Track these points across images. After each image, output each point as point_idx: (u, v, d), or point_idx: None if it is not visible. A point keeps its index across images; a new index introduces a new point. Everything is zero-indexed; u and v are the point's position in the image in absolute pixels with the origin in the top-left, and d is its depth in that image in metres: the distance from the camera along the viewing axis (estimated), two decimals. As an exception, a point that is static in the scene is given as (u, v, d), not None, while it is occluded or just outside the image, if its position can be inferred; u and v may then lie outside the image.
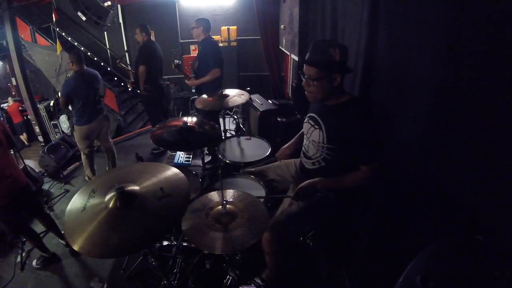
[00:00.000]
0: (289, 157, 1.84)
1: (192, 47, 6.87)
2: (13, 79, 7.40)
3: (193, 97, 3.30)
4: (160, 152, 3.98)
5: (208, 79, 3.04)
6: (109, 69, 6.92)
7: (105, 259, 2.22)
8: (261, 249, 1.57)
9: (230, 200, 1.35)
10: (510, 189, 0.84)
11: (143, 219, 1.12)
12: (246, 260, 1.72)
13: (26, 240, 2.34)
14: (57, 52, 4.61)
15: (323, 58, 1.32)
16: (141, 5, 6.63)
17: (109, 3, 3.65)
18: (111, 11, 3.63)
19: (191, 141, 1.92)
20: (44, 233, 2.49)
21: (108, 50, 7.20)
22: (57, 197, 3.17)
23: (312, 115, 1.55)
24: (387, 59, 1.49)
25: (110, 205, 1.13)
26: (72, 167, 3.82)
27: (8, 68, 7.90)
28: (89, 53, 6.62)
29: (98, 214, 1.12)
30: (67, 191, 3.28)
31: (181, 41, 6.96)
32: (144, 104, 4.95)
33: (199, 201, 1.39)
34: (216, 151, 2.19)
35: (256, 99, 3.50)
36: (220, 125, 3.09)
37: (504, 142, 0.85)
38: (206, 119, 2.29)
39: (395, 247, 1.44)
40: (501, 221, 0.88)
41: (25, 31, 5.92)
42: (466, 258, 0.74)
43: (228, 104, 2.42)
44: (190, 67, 3.50)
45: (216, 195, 1.40)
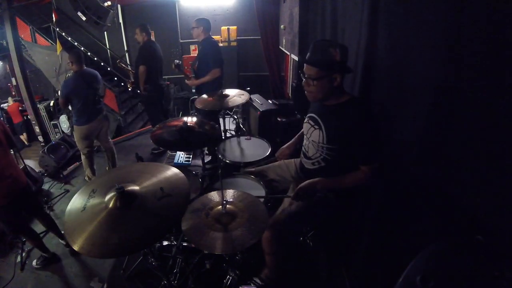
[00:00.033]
0: (289, 157, 1.84)
1: (192, 47, 6.87)
2: (13, 79, 7.41)
3: (193, 97, 3.31)
4: (160, 152, 3.98)
5: (208, 79, 3.04)
6: (109, 69, 6.92)
7: (105, 259, 2.22)
8: (261, 249, 1.57)
9: (230, 200, 1.35)
10: (510, 189, 0.84)
11: (143, 219, 1.12)
12: (246, 260, 1.72)
13: (26, 240, 2.34)
14: (57, 52, 4.63)
15: (324, 58, 1.32)
16: (141, 5, 6.63)
17: (109, 3, 3.65)
18: (111, 11, 3.63)
19: (191, 141, 1.92)
20: (44, 233, 2.49)
21: (108, 50, 7.20)
22: (57, 197, 3.17)
23: (312, 115, 1.55)
24: (387, 59, 1.49)
25: (110, 205, 1.13)
26: (72, 167, 3.82)
27: (8, 68, 7.91)
28: (89, 53, 6.62)
29: (98, 214, 1.12)
30: (67, 191, 3.28)
31: (181, 41, 6.96)
32: (144, 104, 4.95)
33: (199, 201, 1.39)
34: (216, 151, 2.19)
35: (256, 99, 3.50)
36: (220, 125, 3.09)
37: (504, 142, 0.85)
38: (206, 119, 2.29)
39: (395, 247, 1.44)
40: (501, 221, 0.88)
41: (25, 31, 5.92)
42: (466, 258, 0.74)
43: (228, 104, 2.42)
44: (190, 67, 3.50)
45: (216, 195, 1.40)
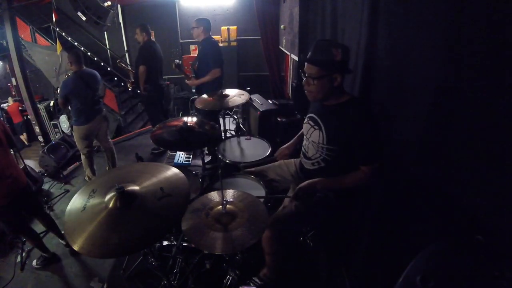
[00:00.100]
0: (289, 157, 1.84)
1: (192, 47, 6.87)
2: (13, 79, 7.40)
3: (193, 97, 3.30)
4: (160, 152, 3.98)
5: (208, 79, 3.04)
6: (109, 69, 6.92)
7: (105, 259, 2.22)
8: (261, 249, 1.57)
9: (230, 200, 1.35)
10: (510, 189, 0.84)
11: (143, 219, 1.12)
12: (246, 260, 1.72)
13: (26, 240, 2.34)
14: (57, 52, 4.63)
15: (325, 57, 1.32)
16: (141, 5, 6.63)
17: (109, 3, 3.65)
18: (111, 11, 3.63)
19: (191, 141, 1.92)
20: (44, 233, 2.49)
21: (108, 50, 7.20)
22: (57, 197, 3.17)
23: (312, 115, 1.55)
24: (387, 59, 1.49)
25: (110, 205, 1.13)
26: (72, 167, 3.82)
27: (8, 68, 7.91)
28: (89, 53, 6.62)
29: (98, 214, 1.12)
30: (67, 191, 3.28)
31: (181, 41, 6.96)
32: (144, 104, 4.95)
33: (199, 201, 1.39)
34: (216, 151, 2.19)
35: (256, 99, 3.50)
36: (220, 125, 3.09)
37: (504, 142, 0.85)
38: (206, 119, 2.29)
39: (395, 247, 1.44)
40: (501, 221, 0.88)
41: (25, 31, 5.92)
42: (466, 258, 0.74)
43: (228, 104, 2.42)
44: (190, 67, 3.50)
45: (216, 195, 1.40)
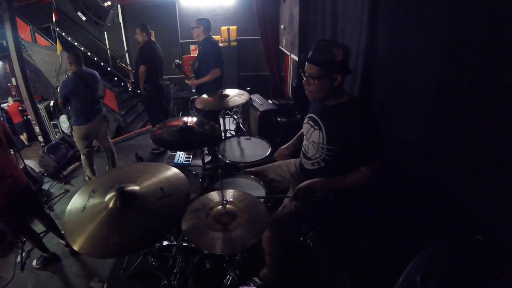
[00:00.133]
0: (288, 157, 1.84)
1: (192, 47, 6.87)
2: (13, 79, 7.40)
3: (193, 97, 3.31)
4: (160, 152, 3.98)
5: (209, 79, 3.04)
6: (109, 69, 6.92)
7: (105, 259, 2.22)
8: (261, 249, 1.57)
9: (230, 200, 1.35)
10: (510, 189, 0.84)
11: (143, 219, 1.12)
12: (246, 260, 1.72)
13: (26, 240, 2.34)
14: (57, 52, 4.62)
15: (326, 57, 1.32)
16: (141, 5, 6.63)
17: (109, 3, 3.65)
18: (111, 11, 3.63)
19: (191, 141, 1.92)
20: (44, 233, 2.49)
21: (108, 50, 7.20)
22: (57, 197, 3.17)
23: (312, 115, 1.55)
24: (387, 59, 1.49)
25: (110, 205, 1.13)
26: (72, 167, 3.82)
27: (8, 68, 7.90)
28: (89, 53, 6.62)
29: (98, 214, 1.12)
30: (67, 191, 3.28)
31: (181, 41, 6.96)
32: (144, 104, 4.95)
33: (199, 201, 1.39)
34: (216, 151, 2.19)
35: (256, 99, 3.50)
36: (220, 125, 3.09)
37: (504, 142, 0.85)
38: (206, 119, 2.29)
39: (395, 247, 1.44)
40: (501, 221, 0.88)
41: (25, 31, 5.92)
42: (466, 258, 0.74)
43: (228, 104, 2.42)
44: (191, 67, 3.50)
45: (216, 195, 1.40)
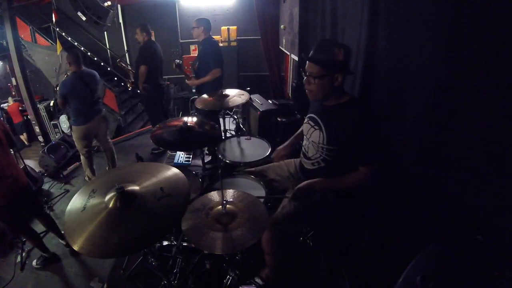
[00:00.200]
0: (286, 158, 1.82)
1: (192, 47, 6.88)
2: (13, 79, 7.41)
3: (193, 97, 3.31)
4: (160, 152, 3.98)
5: (209, 79, 3.04)
6: (109, 69, 6.92)
7: (105, 259, 2.22)
8: (261, 249, 1.57)
9: (230, 200, 1.35)
10: (510, 189, 0.84)
11: (143, 219, 1.12)
12: (246, 260, 1.72)
13: (26, 240, 2.34)
14: (57, 52, 4.62)
15: (327, 56, 1.33)
16: (141, 5, 6.63)
17: (109, 3, 3.65)
18: (111, 11, 3.63)
19: (191, 141, 1.92)
20: (44, 233, 2.49)
21: (108, 50, 7.20)
22: (57, 197, 3.17)
23: (312, 115, 1.55)
24: (387, 59, 1.49)
25: (110, 205, 1.13)
26: (72, 167, 3.82)
27: (8, 68, 7.91)
28: (89, 53, 6.62)
29: (98, 214, 1.12)
30: (67, 191, 3.28)
31: (181, 41, 6.96)
32: (144, 104, 4.95)
33: (199, 201, 1.39)
34: (216, 151, 2.19)
35: (256, 99, 3.50)
36: (220, 125, 3.09)
37: (504, 142, 0.85)
38: (206, 119, 2.29)
39: (395, 247, 1.44)
40: (501, 221, 0.88)
41: (25, 31, 5.92)
42: (466, 258, 0.74)
43: (228, 104, 2.42)
44: (191, 67, 3.50)
45: (216, 195, 1.40)
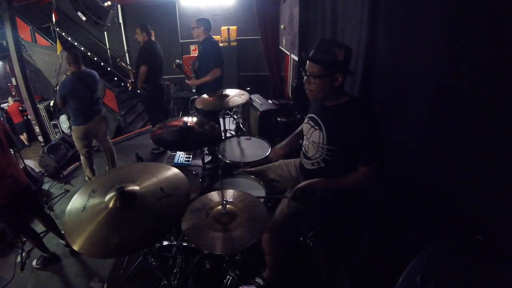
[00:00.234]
0: (283, 157, 1.82)
1: (192, 47, 6.88)
2: (13, 79, 7.41)
3: (193, 97, 3.31)
4: (160, 152, 3.98)
5: (209, 79, 3.04)
6: (109, 69, 6.92)
7: (105, 259, 2.22)
8: (261, 249, 1.57)
9: (230, 200, 1.35)
10: (510, 189, 0.84)
11: (143, 219, 1.12)
12: (246, 260, 1.72)
13: (26, 240, 2.34)
14: (57, 52, 4.62)
15: (328, 56, 1.33)
16: (141, 5, 6.63)
17: (109, 3, 3.65)
18: (111, 11, 3.63)
19: (191, 141, 1.92)
20: (44, 233, 2.49)
21: (108, 50, 7.20)
22: (57, 197, 3.17)
23: (312, 115, 1.55)
24: (387, 59, 1.49)
25: (110, 205, 1.13)
26: (72, 167, 3.82)
27: (8, 68, 7.90)
28: (89, 53, 6.62)
29: (98, 214, 1.12)
30: (67, 191, 3.28)
31: (181, 41, 6.96)
32: (144, 104, 4.95)
33: (199, 201, 1.39)
34: (216, 151, 2.19)
35: (256, 99, 3.50)
36: (220, 125, 3.09)
37: (504, 142, 0.85)
38: (206, 119, 2.29)
39: (395, 247, 1.44)
40: (501, 221, 0.88)
41: (25, 31, 5.92)
42: (466, 258, 0.74)
43: (228, 104, 2.42)
44: (191, 67, 3.50)
45: (216, 195, 1.40)
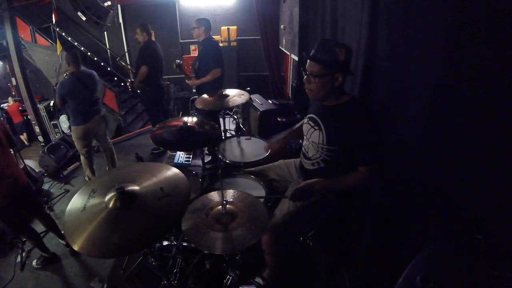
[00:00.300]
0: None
1: (192, 47, 6.88)
2: (13, 79, 7.41)
3: (193, 97, 3.31)
4: (160, 152, 3.98)
5: (209, 79, 3.04)
6: (109, 69, 6.92)
7: (105, 259, 2.22)
8: (261, 249, 1.57)
9: (230, 200, 1.35)
10: (510, 189, 0.84)
11: (143, 219, 1.12)
12: (246, 260, 1.72)
13: (26, 240, 2.34)
14: (57, 52, 4.63)
15: (328, 56, 1.33)
16: (141, 5, 6.63)
17: (109, 3, 3.64)
18: (111, 11, 3.63)
19: (191, 141, 1.92)
20: (44, 233, 2.49)
21: (108, 50, 7.20)
22: (57, 197, 3.16)
23: (312, 116, 1.55)
24: (387, 59, 1.49)
25: (110, 205, 1.13)
26: (72, 167, 3.82)
27: (8, 68, 7.90)
28: (89, 53, 6.62)
29: (98, 214, 1.12)
30: (67, 191, 3.28)
31: (181, 41, 6.96)
32: (144, 104, 4.95)
33: (199, 201, 1.39)
34: (216, 151, 2.19)
35: (256, 99, 3.50)
36: (220, 125, 3.09)
37: (504, 142, 0.85)
38: (206, 119, 2.29)
39: (395, 247, 1.44)
40: (501, 221, 0.88)
41: (25, 31, 5.92)
42: (466, 258, 0.74)
43: (228, 104, 2.42)
44: (191, 67, 3.50)
45: (216, 195, 1.40)
